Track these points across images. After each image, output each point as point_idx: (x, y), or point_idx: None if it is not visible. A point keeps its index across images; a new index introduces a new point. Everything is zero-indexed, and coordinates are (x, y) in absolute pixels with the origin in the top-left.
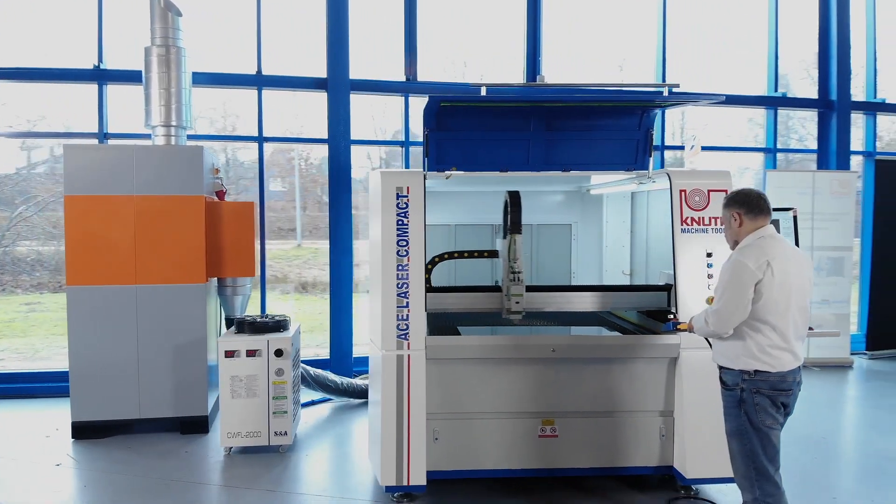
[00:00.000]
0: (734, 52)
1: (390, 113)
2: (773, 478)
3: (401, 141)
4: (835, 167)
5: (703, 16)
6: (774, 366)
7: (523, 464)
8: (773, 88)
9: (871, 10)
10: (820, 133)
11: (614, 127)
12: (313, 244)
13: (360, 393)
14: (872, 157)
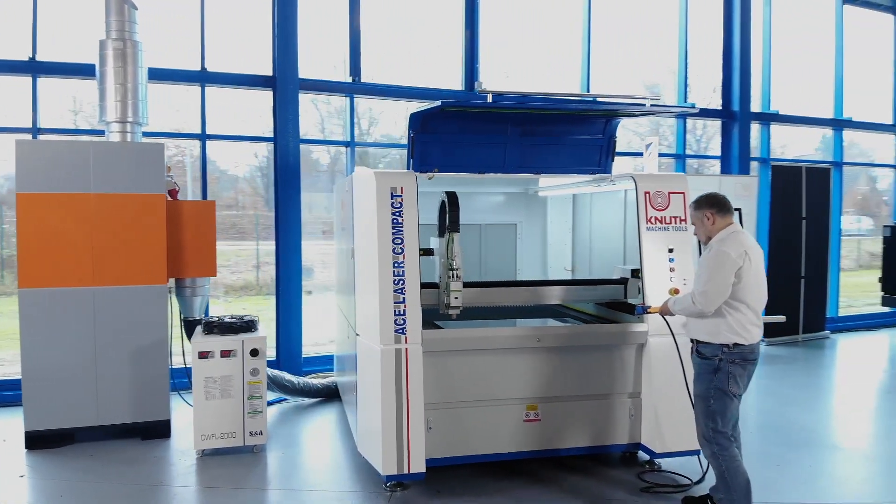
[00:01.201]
0: (650, 67)
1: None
2: (727, 434)
3: (346, 141)
4: (737, 172)
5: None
6: (748, 339)
7: (510, 447)
8: (683, 100)
9: (767, 33)
10: (723, 141)
11: (581, 133)
12: (236, 245)
13: (315, 392)
14: (768, 163)
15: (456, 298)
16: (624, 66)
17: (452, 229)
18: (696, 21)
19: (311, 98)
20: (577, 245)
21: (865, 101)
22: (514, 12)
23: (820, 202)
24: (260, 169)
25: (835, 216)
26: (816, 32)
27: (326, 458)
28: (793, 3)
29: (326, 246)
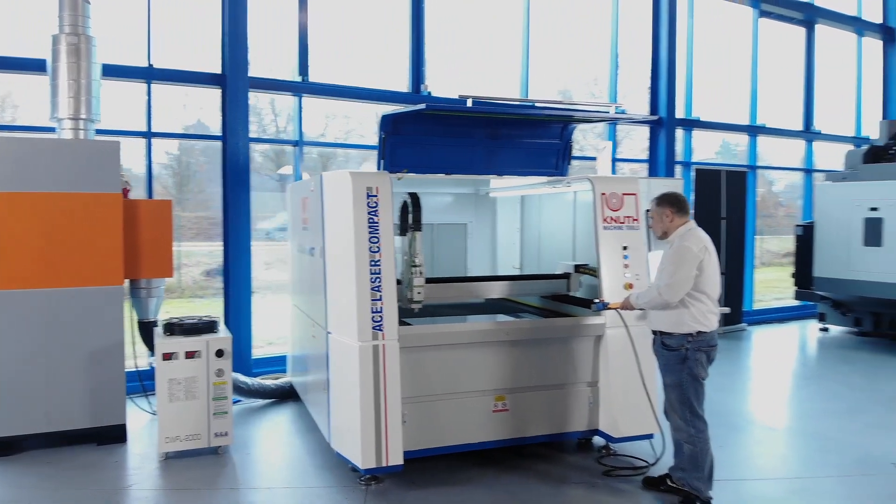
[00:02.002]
0: (581, 75)
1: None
2: (702, 417)
3: (294, 140)
4: (664, 175)
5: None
6: (709, 326)
7: (481, 437)
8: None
9: (689, 44)
10: (651, 145)
11: (541, 137)
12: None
13: (269, 393)
14: (690, 167)
15: (419, 293)
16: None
17: (416, 228)
18: (626, 34)
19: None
20: (526, 244)
21: (778, 109)
22: (457, 17)
23: (737, 203)
24: (170, 167)
25: (750, 216)
26: (734, 44)
27: (294, 456)
28: (713, 16)
29: (264, 246)
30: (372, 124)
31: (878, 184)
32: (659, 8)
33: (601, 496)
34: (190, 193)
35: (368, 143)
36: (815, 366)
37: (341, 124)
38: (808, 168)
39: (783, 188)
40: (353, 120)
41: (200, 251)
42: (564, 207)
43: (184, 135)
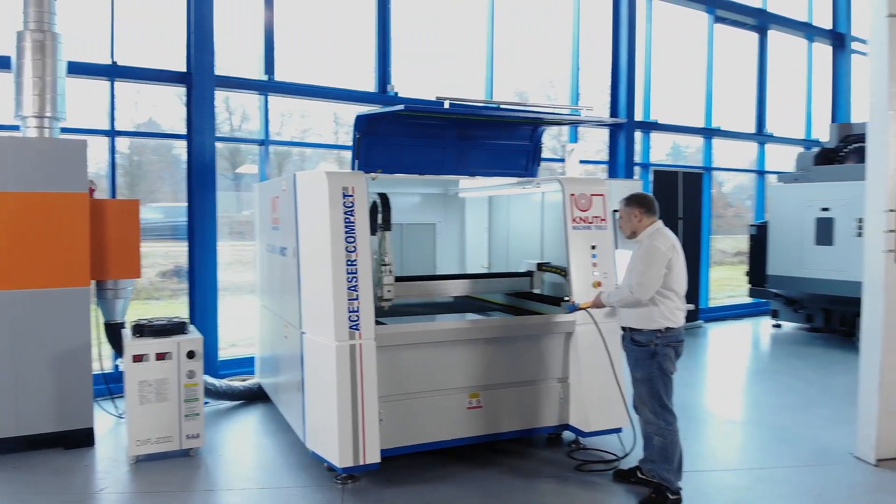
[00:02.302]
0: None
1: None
2: (672, 410)
3: (261, 139)
4: (623, 176)
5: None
6: (676, 322)
7: (456, 434)
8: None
9: (648, 48)
10: (611, 147)
11: (511, 139)
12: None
13: (237, 395)
14: (648, 168)
15: (389, 291)
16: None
17: (385, 227)
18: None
19: (177, 92)
20: (494, 244)
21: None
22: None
23: (693, 204)
24: (121, 166)
25: (705, 216)
26: (691, 49)
27: (267, 457)
28: (671, 22)
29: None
30: (329, 123)
31: (829, 185)
32: (619, 13)
33: (573, 490)
34: (142, 193)
35: (326, 142)
36: (770, 361)
37: (297, 123)
38: (760, 170)
39: (731, 189)
40: (309, 119)
41: (155, 252)
42: (532, 208)
43: (148, 133)
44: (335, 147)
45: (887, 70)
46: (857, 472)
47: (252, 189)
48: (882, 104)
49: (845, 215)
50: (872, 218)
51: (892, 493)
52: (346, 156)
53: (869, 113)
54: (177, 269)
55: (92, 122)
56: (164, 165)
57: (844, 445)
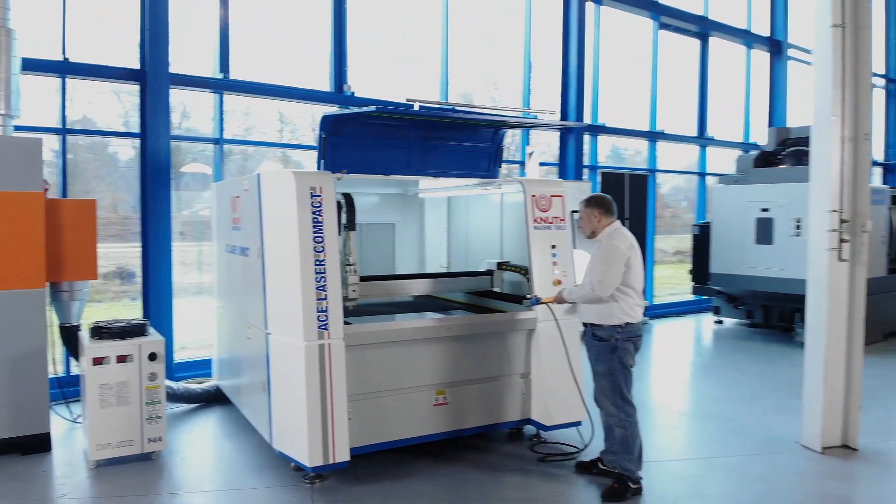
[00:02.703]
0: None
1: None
2: (631, 402)
3: (215, 138)
4: (573, 178)
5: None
6: (635, 318)
7: (423, 431)
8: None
9: (596, 53)
10: (561, 149)
11: (474, 141)
12: None
13: (195, 398)
14: (596, 170)
15: (354, 291)
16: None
17: (350, 227)
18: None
19: (113, 88)
20: (453, 244)
21: (675, 116)
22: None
23: (639, 204)
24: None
25: (650, 217)
26: (637, 54)
27: (232, 458)
28: (618, 28)
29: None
30: (273, 122)
31: (768, 186)
32: (569, 18)
33: (537, 482)
34: (78, 192)
35: (270, 140)
36: (714, 355)
37: (240, 121)
38: (702, 172)
39: (668, 190)
40: (253, 117)
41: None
42: (491, 208)
43: (101, 132)
44: (287, 146)
45: (831, 77)
46: (804, 460)
47: (190, 187)
48: (826, 110)
49: (784, 215)
50: (816, 218)
51: (838, 478)
52: (292, 154)
53: (813, 118)
54: (119, 271)
55: (36, 120)
56: (101, 164)
57: (790, 434)
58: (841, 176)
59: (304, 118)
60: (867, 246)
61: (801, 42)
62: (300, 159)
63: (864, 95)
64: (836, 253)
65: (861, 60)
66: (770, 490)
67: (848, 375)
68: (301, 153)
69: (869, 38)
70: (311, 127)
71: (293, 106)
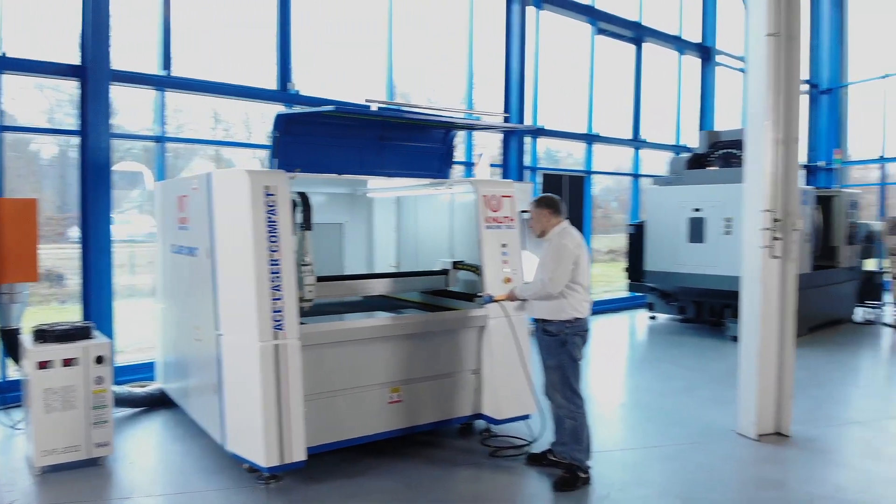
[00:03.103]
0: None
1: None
2: (580, 394)
3: (157, 136)
4: (515, 178)
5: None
6: (584, 313)
7: (378, 428)
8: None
9: (537, 58)
10: (504, 151)
11: (426, 142)
12: None
13: (139, 402)
14: (536, 171)
15: (310, 292)
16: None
17: (306, 227)
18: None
19: (37, 83)
20: (402, 243)
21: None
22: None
23: (577, 205)
24: None
25: (587, 217)
26: (575, 59)
27: (182, 462)
28: (557, 33)
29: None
30: (207, 119)
31: (700, 187)
32: (511, 22)
33: (489, 474)
34: None
35: (202, 137)
36: (650, 350)
37: (171, 118)
38: (635, 173)
39: (599, 191)
40: (184, 114)
41: None
42: (441, 208)
43: (39, 129)
44: (220, 143)
45: (764, 84)
46: (741, 447)
47: (118, 186)
48: (759, 115)
49: (715, 215)
50: (750, 217)
51: (773, 463)
52: (226, 152)
53: (747, 122)
54: (46, 273)
55: None
56: (24, 162)
57: (727, 424)
58: (774, 177)
59: (238, 116)
60: (798, 244)
61: (729, 49)
62: (231, 157)
63: (794, 101)
64: (769, 250)
65: (792, 68)
66: (710, 476)
67: (780, 366)
68: (235, 151)
69: (799, 47)
70: (244, 124)
71: (227, 104)
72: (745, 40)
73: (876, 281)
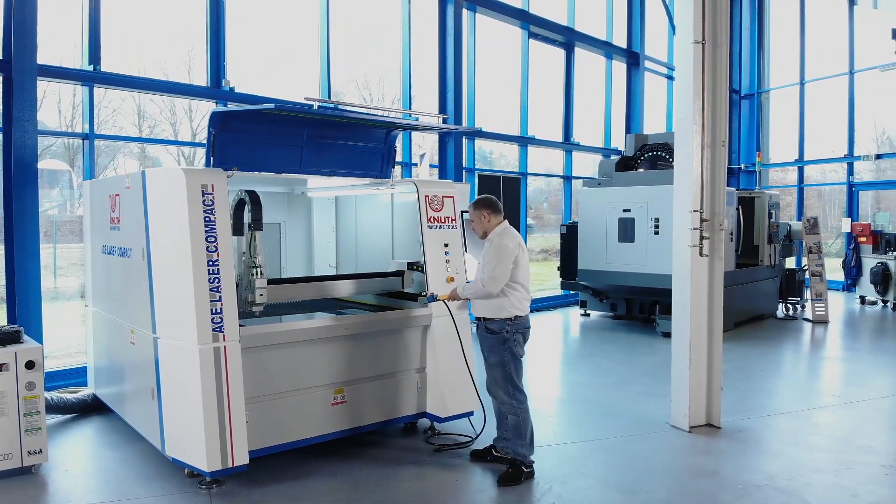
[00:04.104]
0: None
1: None
2: (522, 390)
3: (84, 133)
4: (452, 179)
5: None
6: (524, 311)
7: (322, 430)
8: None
9: (472, 59)
10: (440, 152)
11: (367, 141)
12: None
13: (70, 408)
14: (474, 172)
15: (261, 295)
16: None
17: (256, 227)
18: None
19: None
20: (342, 243)
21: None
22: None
23: (513, 206)
24: None
25: (523, 217)
26: (510, 62)
27: (120, 468)
28: (492, 36)
29: None
30: (129, 115)
31: (629, 189)
32: (445, 24)
33: (434, 471)
34: None
35: (135, 135)
36: (584, 345)
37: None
38: (567, 175)
39: (530, 193)
40: (103, 110)
41: None
42: (381, 208)
43: None
44: (151, 141)
45: (692, 90)
46: (675, 439)
47: (54, 184)
48: (687, 119)
49: (644, 216)
50: (679, 217)
51: (705, 453)
52: (151, 150)
53: (675, 126)
54: None
55: None
56: None
57: (660, 416)
58: (701, 179)
59: (163, 113)
60: (724, 242)
61: (656, 55)
62: (158, 155)
63: (720, 106)
64: (697, 249)
65: (718, 74)
66: (648, 466)
67: (710, 360)
68: (160, 149)
69: (725, 54)
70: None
71: (154, 100)
72: (671, 48)
73: (796, 278)
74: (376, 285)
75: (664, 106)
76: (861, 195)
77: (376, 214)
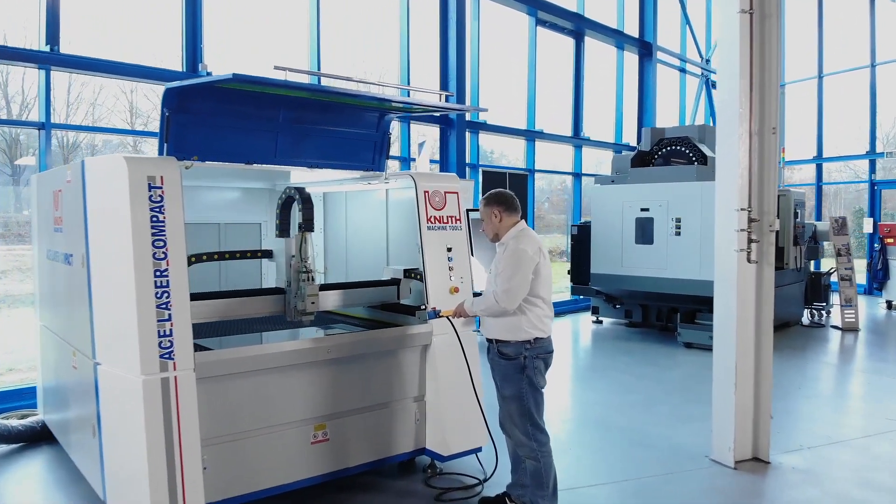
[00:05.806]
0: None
1: None
2: (544, 429)
3: (40, 122)
4: None
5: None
6: (545, 331)
7: (300, 475)
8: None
9: (476, 49)
10: (441, 147)
11: (356, 126)
12: None
13: (16, 437)
14: (478, 168)
15: (313, 303)
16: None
17: (308, 228)
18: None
19: None
20: (330, 247)
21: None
22: None
23: (521, 204)
24: None
25: (530, 216)
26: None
27: None
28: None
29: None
30: (122, 112)
31: (647, 186)
32: (447, 13)
33: None
34: None
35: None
36: (598, 356)
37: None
38: (577, 172)
39: None
40: (98, 108)
41: None
42: (375, 206)
43: None
44: (115, 131)
45: (738, 67)
46: (720, 478)
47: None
48: (733, 102)
49: (664, 215)
50: (723, 216)
51: (754, 495)
52: (147, 147)
53: (717, 111)
54: None
55: None
56: None
57: (696, 446)
58: (749, 172)
59: (157, 109)
60: (774, 246)
61: (669, 46)
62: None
63: (772, 87)
64: (745, 254)
65: (768, 50)
66: None
67: (757, 383)
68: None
69: (776, 25)
70: None
71: (147, 96)
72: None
73: (823, 282)
74: (368, 296)
75: (677, 101)
76: (883, 194)
77: (369, 213)
